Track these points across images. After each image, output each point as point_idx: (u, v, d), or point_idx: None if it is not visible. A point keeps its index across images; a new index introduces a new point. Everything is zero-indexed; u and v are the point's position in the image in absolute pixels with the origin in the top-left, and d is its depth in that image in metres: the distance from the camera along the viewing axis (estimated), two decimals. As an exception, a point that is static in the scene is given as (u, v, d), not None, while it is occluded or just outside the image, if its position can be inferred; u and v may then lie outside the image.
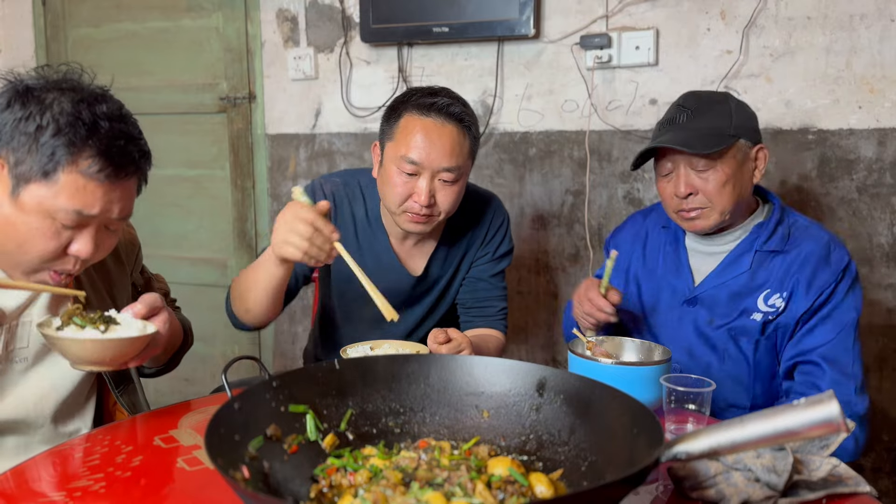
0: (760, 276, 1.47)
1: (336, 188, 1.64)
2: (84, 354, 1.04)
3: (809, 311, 1.42)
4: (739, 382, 1.49)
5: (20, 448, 1.20)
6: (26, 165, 1.03)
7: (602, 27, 2.23)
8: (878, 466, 2.12)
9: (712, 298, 1.51)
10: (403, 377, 1.03)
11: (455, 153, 1.47)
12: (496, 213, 1.71)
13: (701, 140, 1.41)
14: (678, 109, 1.49)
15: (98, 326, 1.05)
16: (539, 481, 0.85)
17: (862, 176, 2.05)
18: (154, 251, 2.88)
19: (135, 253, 1.41)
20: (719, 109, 1.46)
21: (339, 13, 2.56)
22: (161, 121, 2.87)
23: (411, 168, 1.46)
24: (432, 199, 1.49)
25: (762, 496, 0.89)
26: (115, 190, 1.08)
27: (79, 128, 1.03)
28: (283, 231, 1.28)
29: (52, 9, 3.00)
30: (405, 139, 1.47)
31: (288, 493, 0.85)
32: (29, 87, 1.06)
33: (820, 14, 2.03)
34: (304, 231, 1.26)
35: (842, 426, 0.72)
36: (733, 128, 1.44)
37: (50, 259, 1.09)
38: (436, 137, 1.46)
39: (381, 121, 1.56)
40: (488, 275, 1.70)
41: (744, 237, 1.51)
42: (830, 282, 1.41)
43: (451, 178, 1.49)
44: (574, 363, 1.22)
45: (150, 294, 1.15)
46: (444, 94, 1.51)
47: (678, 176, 1.46)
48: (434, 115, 1.47)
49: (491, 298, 1.69)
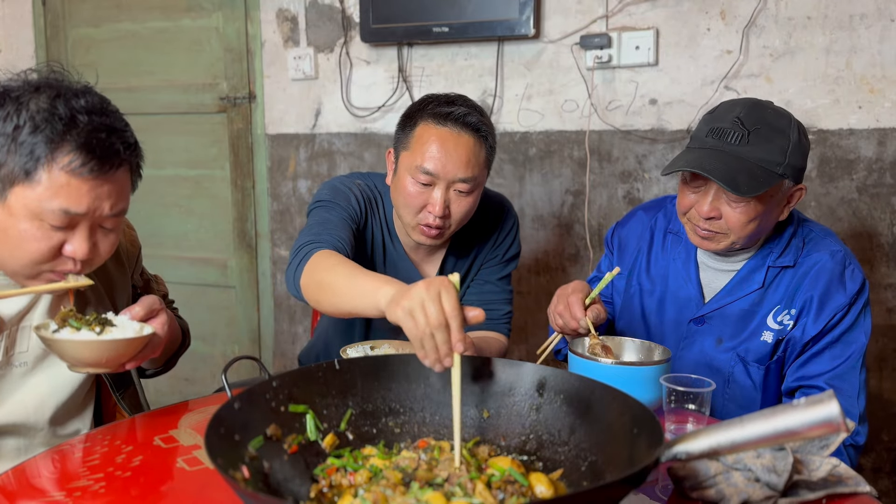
0: (771, 293, 1.40)
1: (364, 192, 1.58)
2: (81, 356, 1.04)
3: (820, 335, 1.36)
4: (743, 408, 1.42)
5: (20, 451, 1.20)
6: (8, 167, 1.01)
7: (602, 27, 2.23)
8: (878, 466, 2.12)
9: (721, 317, 1.43)
10: (403, 377, 1.03)
11: (471, 164, 1.46)
12: (507, 216, 1.69)
13: (748, 176, 1.28)
14: (735, 124, 1.32)
15: (94, 328, 1.04)
16: (539, 481, 0.85)
17: (862, 176, 2.05)
18: (154, 251, 2.89)
19: (135, 254, 1.41)
20: (779, 142, 1.31)
21: (339, 13, 2.56)
22: (161, 121, 2.87)
23: (426, 178, 1.44)
24: (446, 210, 1.47)
25: (762, 496, 0.89)
26: (103, 185, 1.05)
27: (55, 123, 1.00)
28: (415, 299, 0.96)
29: (52, 9, 3.00)
30: (421, 148, 1.45)
31: (288, 493, 0.85)
32: (7, 90, 1.04)
33: (820, 14, 2.03)
34: (435, 321, 0.94)
35: (842, 426, 0.72)
36: (784, 167, 1.31)
37: (45, 261, 1.07)
38: (452, 147, 1.44)
39: (397, 128, 1.54)
40: (496, 277, 1.68)
41: (755, 252, 1.43)
42: (843, 304, 1.35)
43: (466, 189, 1.47)
44: (574, 363, 1.21)
45: (148, 296, 1.14)
46: (462, 102, 1.49)
47: (706, 196, 1.34)
48: (451, 125, 1.45)
49: (496, 301, 1.68)
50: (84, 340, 1.03)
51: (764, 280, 1.40)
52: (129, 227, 1.43)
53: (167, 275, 1.57)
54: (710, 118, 1.39)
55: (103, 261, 1.16)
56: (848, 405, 1.34)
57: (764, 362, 1.41)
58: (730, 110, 1.36)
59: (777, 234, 1.43)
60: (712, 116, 1.39)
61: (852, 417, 1.34)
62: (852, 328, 1.36)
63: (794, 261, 1.40)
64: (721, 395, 1.44)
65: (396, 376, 1.03)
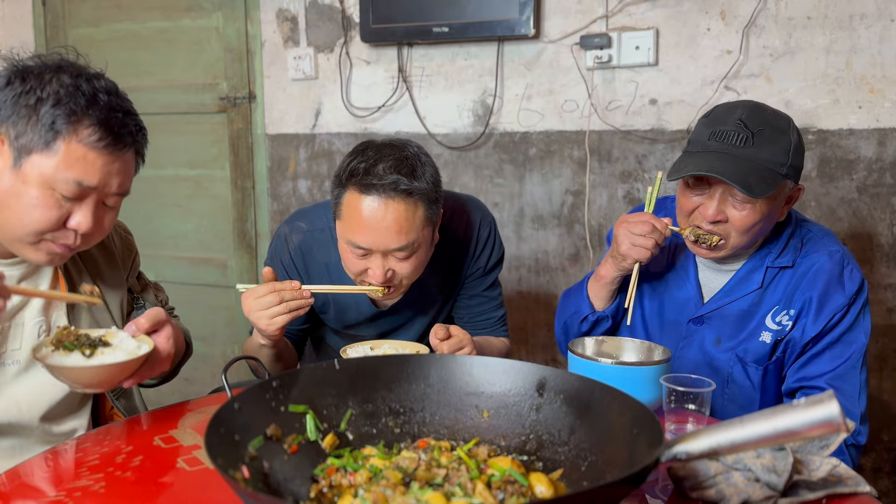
0: (770, 294, 1.41)
1: (302, 237, 1.56)
2: (74, 379, 1.03)
3: (819, 335, 1.36)
4: (742, 408, 1.42)
5: (15, 449, 1.20)
6: (27, 137, 1.06)
7: (602, 27, 2.23)
8: (878, 466, 2.12)
9: (720, 317, 1.44)
10: (403, 377, 1.03)
11: (403, 230, 1.34)
12: (482, 223, 1.60)
13: (758, 178, 1.28)
14: (739, 126, 1.32)
15: (84, 351, 1.04)
16: (539, 481, 0.85)
17: (862, 176, 2.05)
18: (154, 251, 2.89)
19: (131, 258, 1.41)
20: (781, 143, 1.32)
21: (339, 13, 2.56)
22: (161, 121, 2.87)
23: (360, 251, 1.38)
24: (390, 272, 1.39)
25: (762, 496, 0.89)
26: (115, 162, 1.10)
27: (79, 98, 1.06)
28: (260, 317, 1.33)
29: (52, 9, 3.00)
30: (350, 221, 1.36)
31: (288, 493, 0.85)
32: (28, 67, 1.09)
33: (820, 14, 2.03)
34: (273, 299, 1.31)
35: (842, 426, 0.72)
36: (787, 167, 1.32)
37: (50, 230, 1.09)
38: (381, 218, 1.33)
39: (331, 185, 1.44)
40: (481, 289, 1.65)
41: (754, 253, 1.43)
42: (843, 305, 1.35)
43: (403, 256, 1.38)
44: (574, 363, 1.21)
45: (154, 309, 1.14)
46: (391, 157, 1.35)
47: (711, 199, 1.34)
48: (375, 194, 1.33)
49: (487, 311, 1.67)
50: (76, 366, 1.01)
51: (763, 281, 1.41)
52: (126, 231, 1.43)
53: (167, 275, 1.57)
54: (709, 121, 1.38)
55: (101, 238, 1.19)
56: (849, 405, 1.33)
57: (762, 363, 1.41)
58: (730, 112, 1.35)
59: (775, 235, 1.43)
60: (710, 119, 1.38)
61: (853, 418, 1.33)
62: (852, 328, 1.36)
63: (792, 261, 1.40)
64: (720, 395, 1.44)
65: (396, 376, 1.03)
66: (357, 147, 1.42)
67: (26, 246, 1.11)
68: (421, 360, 1.04)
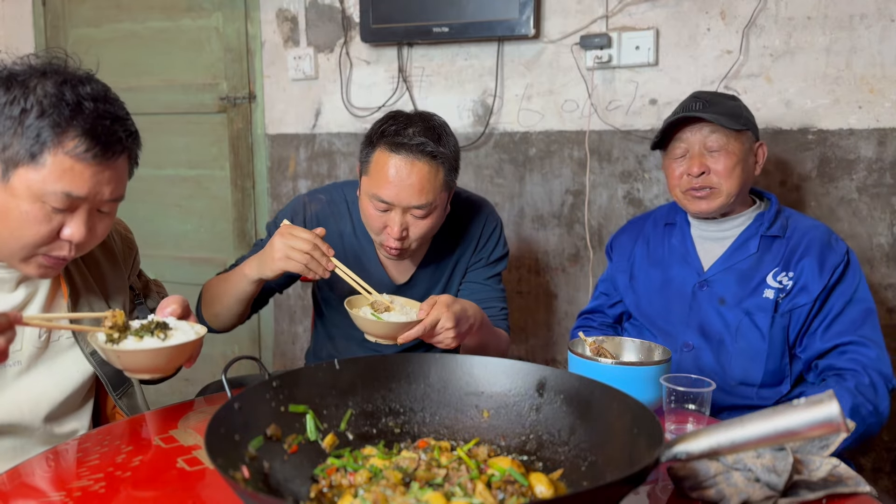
0: (767, 258, 1.55)
1: (321, 206, 1.68)
2: (144, 364, 1.03)
3: (826, 291, 1.48)
4: (753, 358, 1.52)
5: (16, 450, 1.20)
6: (13, 149, 1.03)
7: (602, 27, 2.23)
8: (878, 466, 2.12)
9: (723, 281, 1.56)
10: (403, 377, 1.03)
11: (425, 190, 1.47)
12: (488, 219, 1.72)
13: (723, 119, 1.52)
14: (692, 100, 1.59)
15: (158, 335, 1.05)
16: (539, 481, 0.85)
17: (862, 176, 2.05)
18: (154, 251, 2.89)
19: (132, 256, 1.41)
20: (730, 104, 1.58)
21: (339, 13, 2.56)
22: (161, 121, 2.87)
23: (383, 205, 1.49)
24: (404, 233, 1.50)
25: (762, 496, 0.89)
26: (105, 171, 1.07)
27: (62, 108, 1.03)
28: (284, 248, 1.39)
29: (52, 9, 3.00)
30: (376, 176, 1.49)
31: (288, 493, 0.85)
32: (12, 73, 1.06)
33: (820, 14, 2.03)
34: (305, 246, 1.38)
35: (842, 426, 0.72)
36: (744, 120, 1.56)
37: (43, 244, 1.08)
38: (405, 175, 1.46)
39: (361, 146, 1.57)
40: (484, 278, 1.72)
41: (748, 223, 1.59)
42: (839, 261, 1.50)
43: (421, 214, 1.50)
44: (574, 363, 1.22)
45: (175, 296, 1.15)
46: (420, 122, 1.50)
47: (692, 157, 1.56)
48: (404, 153, 1.46)
49: (490, 300, 1.69)
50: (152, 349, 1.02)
51: (758, 247, 1.56)
52: (126, 230, 1.43)
53: (167, 275, 1.58)
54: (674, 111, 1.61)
55: (97, 243, 1.17)
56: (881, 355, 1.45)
57: (769, 313, 1.51)
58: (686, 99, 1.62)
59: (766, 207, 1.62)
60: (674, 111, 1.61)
61: (886, 367, 1.44)
62: (859, 288, 1.51)
63: (782, 233, 1.57)
64: (730, 350, 1.54)
65: (396, 376, 1.03)
66: (388, 114, 1.55)
67: (18, 261, 1.11)
68: (421, 360, 1.05)
